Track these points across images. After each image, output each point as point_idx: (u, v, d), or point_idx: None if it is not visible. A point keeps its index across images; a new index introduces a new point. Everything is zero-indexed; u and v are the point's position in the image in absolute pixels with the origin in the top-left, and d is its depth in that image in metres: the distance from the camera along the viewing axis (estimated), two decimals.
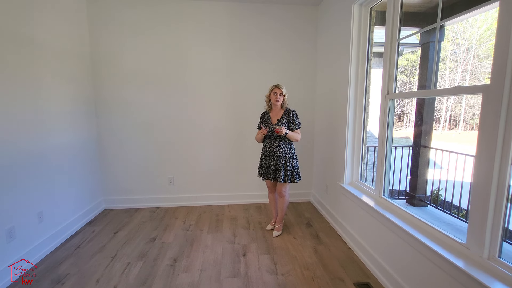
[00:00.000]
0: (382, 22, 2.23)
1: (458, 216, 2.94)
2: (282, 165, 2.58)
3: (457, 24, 6.42)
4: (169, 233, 2.79)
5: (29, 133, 2.24)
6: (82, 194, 3.01)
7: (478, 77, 7.02)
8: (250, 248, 2.50)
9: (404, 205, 3.26)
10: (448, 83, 7.49)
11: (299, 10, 3.40)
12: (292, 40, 3.44)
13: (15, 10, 2.11)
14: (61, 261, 2.28)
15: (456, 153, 3.21)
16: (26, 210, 2.21)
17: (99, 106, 3.28)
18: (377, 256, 2.10)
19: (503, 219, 1.25)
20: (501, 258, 1.25)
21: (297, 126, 2.61)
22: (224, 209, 3.47)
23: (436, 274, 1.49)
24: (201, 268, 2.20)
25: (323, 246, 2.54)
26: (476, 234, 1.33)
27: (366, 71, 2.51)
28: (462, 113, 8.28)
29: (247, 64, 3.43)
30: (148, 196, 3.51)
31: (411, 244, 1.69)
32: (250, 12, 3.34)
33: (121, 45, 3.22)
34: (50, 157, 2.49)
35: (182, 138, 3.47)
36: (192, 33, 3.30)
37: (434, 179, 3.53)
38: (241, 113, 3.50)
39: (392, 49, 2.05)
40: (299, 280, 2.04)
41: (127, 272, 2.14)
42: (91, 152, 3.19)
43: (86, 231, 2.84)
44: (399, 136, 8.67)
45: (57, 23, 2.62)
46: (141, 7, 3.19)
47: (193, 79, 3.38)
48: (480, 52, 6.87)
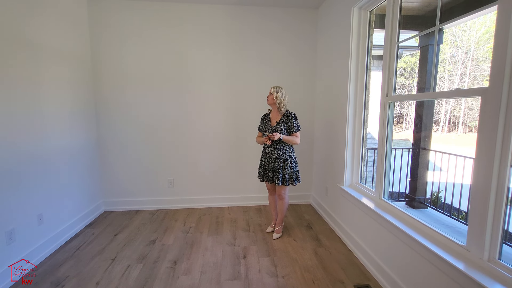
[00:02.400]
0: (381, 25, 2.25)
1: (458, 218, 2.95)
2: (280, 168, 2.59)
3: (455, 27, 6.46)
4: (169, 235, 2.78)
5: (28, 135, 2.24)
6: (82, 196, 3.00)
7: (477, 79, 7.05)
8: (250, 251, 2.50)
9: (404, 207, 3.26)
10: (447, 86, 7.52)
11: (299, 13, 3.42)
12: (292, 43, 3.46)
13: (15, 12, 2.13)
14: (60, 264, 2.28)
15: (455, 155, 3.22)
16: (26, 212, 2.21)
17: (99, 108, 3.29)
18: (377, 258, 2.10)
19: (503, 221, 1.25)
20: (501, 260, 1.26)
21: (295, 129, 2.61)
22: (224, 211, 3.47)
23: (436, 276, 1.49)
24: (201, 270, 2.20)
25: (323, 248, 2.54)
26: (476, 236, 1.34)
27: (366, 74, 2.52)
28: (461, 115, 8.30)
29: (247, 66, 3.44)
30: (148, 198, 3.51)
31: (411, 246, 1.69)
32: (250, 15, 3.36)
33: (121, 48, 3.23)
34: (50, 159, 2.49)
35: (182, 140, 3.47)
36: (192, 36, 3.31)
37: (434, 181, 3.53)
38: (241, 115, 3.51)
39: (392, 52, 2.07)
40: (299, 283, 2.04)
41: (127, 275, 2.13)
42: (91, 154, 3.19)
43: (86, 233, 2.84)
44: (398, 138, 8.69)
45: (58, 25, 2.63)
46: (141, 10, 3.21)
47: (193, 82, 3.39)
48: (478, 54, 6.90)
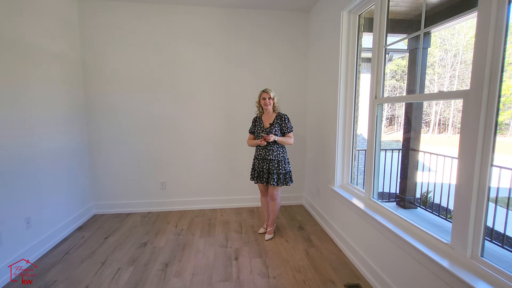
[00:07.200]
0: (370, 28, 2.29)
1: (446, 217, 3.01)
2: (275, 168, 2.61)
3: (444, 31, 6.61)
4: (161, 238, 2.77)
5: (16, 137, 2.21)
6: (72, 199, 2.96)
7: (466, 82, 7.21)
8: (242, 252, 2.50)
9: (394, 207, 3.32)
10: (437, 88, 7.67)
11: (290, 16, 3.46)
12: (283, 45, 3.49)
13: (3, 13, 2.10)
14: (49, 268, 2.24)
15: (443, 156, 3.29)
16: (14, 216, 2.17)
17: (90, 110, 3.26)
18: (367, 257, 2.13)
19: (484, 219, 1.29)
20: (483, 257, 1.29)
21: (289, 130, 2.64)
22: (216, 213, 3.46)
23: (423, 273, 1.52)
24: (193, 272, 2.19)
25: (315, 249, 2.56)
26: (459, 234, 1.37)
27: (355, 76, 2.56)
28: (450, 117, 8.48)
29: (239, 68, 3.46)
30: (139, 200, 3.48)
31: (399, 245, 1.73)
32: (242, 18, 3.38)
33: (112, 49, 3.21)
34: (39, 162, 2.46)
35: (175, 142, 3.46)
36: (184, 38, 3.32)
37: (423, 182, 3.60)
38: (233, 117, 3.52)
39: (380, 55, 2.11)
40: (290, 283, 2.05)
41: (117, 278, 2.11)
42: (81, 156, 3.16)
43: (76, 236, 2.80)
44: (390, 140, 8.81)
45: (48, 27, 2.61)
46: (132, 12, 3.20)
47: (185, 84, 3.39)
48: (467, 58, 7.07)
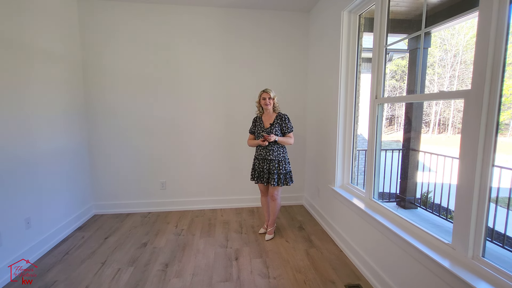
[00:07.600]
0: (370, 28, 2.29)
1: (447, 218, 3.00)
2: (275, 168, 2.60)
3: (444, 31, 6.61)
4: (161, 238, 2.76)
5: (16, 138, 2.20)
6: (72, 199, 2.96)
7: (466, 82, 7.21)
8: (242, 252, 2.50)
9: (394, 207, 3.31)
10: (437, 88, 7.67)
11: (290, 16, 3.45)
12: (284, 45, 3.49)
13: (3, 13, 2.09)
14: (48, 268, 2.24)
15: (444, 156, 3.28)
16: (13, 216, 2.16)
17: (90, 111, 3.25)
18: (368, 258, 2.12)
19: (486, 219, 1.29)
20: (485, 258, 1.29)
21: (289, 130, 2.64)
22: (216, 213, 3.46)
23: (424, 274, 1.52)
24: (193, 272, 2.19)
25: (315, 249, 2.56)
26: (460, 235, 1.37)
27: (356, 76, 2.56)
28: (450, 117, 8.48)
29: (239, 68, 3.45)
30: (139, 201, 3.47)
31: (400, 245, 1.72)
32: (242, 18, 3.38)
33: (112, 50, 3.21)
34: (39, 162, 2.45)
35: (175, 142, 3.46)
36: (184, 38, 3.31)
37: (423, 182, 3.60)
38: (233, 117, 3.52)
39: (380, 55, 2.11)
40: (291, 283, 2.05)
41: (117, 278, 2.10)
42: (81, 156, 3.15)
43: (76, 237, 2.79)
44: (390, 140, 8.81)
45: (48, 27, 2.60)
46: (132, 12, 3.19)
47: (185, 84, 3.38)
48: (467, 58, 7.07)
